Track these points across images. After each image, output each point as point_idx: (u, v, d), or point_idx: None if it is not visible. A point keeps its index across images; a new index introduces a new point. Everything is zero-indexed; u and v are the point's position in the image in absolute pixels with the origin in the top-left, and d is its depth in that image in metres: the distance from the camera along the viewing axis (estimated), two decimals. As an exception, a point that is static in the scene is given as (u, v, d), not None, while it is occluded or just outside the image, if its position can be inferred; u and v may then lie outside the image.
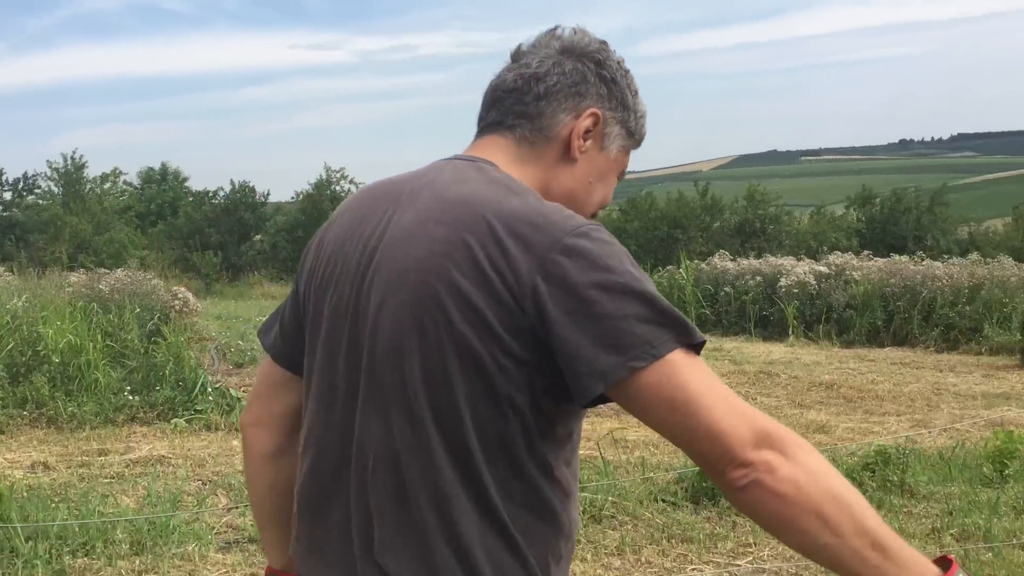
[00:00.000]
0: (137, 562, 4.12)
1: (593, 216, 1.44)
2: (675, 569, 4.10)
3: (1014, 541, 4.61)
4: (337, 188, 31.88)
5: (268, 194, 32.79)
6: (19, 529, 4.19)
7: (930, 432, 8.07)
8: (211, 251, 28.32)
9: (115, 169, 36.64)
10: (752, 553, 4.38)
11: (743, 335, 16.10)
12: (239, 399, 7.25)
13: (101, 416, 7.09)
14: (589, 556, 4.26)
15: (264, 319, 1.56)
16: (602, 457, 6.12)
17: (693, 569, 4.15)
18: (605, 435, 7.51)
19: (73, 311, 8.20)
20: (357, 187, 32.75)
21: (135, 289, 9.55)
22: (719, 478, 1.16)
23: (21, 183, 34.82)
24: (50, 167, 33.77)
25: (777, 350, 14.06)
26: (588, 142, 1.39)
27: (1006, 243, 31.54)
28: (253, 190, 32.11)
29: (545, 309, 1.17)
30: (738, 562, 4.27)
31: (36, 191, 34.67)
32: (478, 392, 1.21)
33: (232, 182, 32.19)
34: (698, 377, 1.16)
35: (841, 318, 15.53)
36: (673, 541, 4.51)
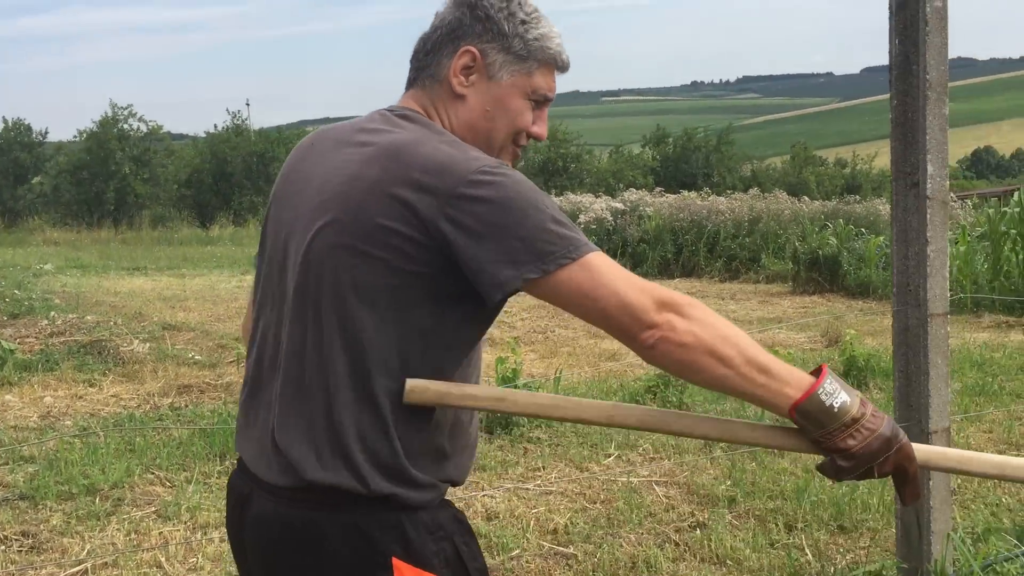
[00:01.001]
0: None
1: (527, 139, 1.62)
2: (466, 497, 4.22)
3: (773, 450, 5.03)
4: (125, 126, 29.99)
5: (47, 132, 30.45)
6: None
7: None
8: (-18, 193, 26.10)
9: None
10: (541, 477, 4.57)
11: (544, 271, 16.56)
12: (11, 351, 6.78)
13: None
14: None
15: (46, 266, 1.67)
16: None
17: (484, 495, 4.28)
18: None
19: None
20: (147, 124, 31.15)
21: None
22: (632, 342, 1.38)
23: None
24: None
25: (576, 284, 14.55)
26: (473, 76, 1.55)
27: (784, 179, 33.84)
28: (29, 128, 29.72)
29: (449, 237, 1.38)
30: (527, 485, 4.44)
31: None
32: (382, 304, 1.42)
33: (4, 119, 29.67)
34: (596, 269, 1.38)
35: (635, 252, 16.22)
36: (466, 470, 4.63)
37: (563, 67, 1.62)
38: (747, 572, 3.55)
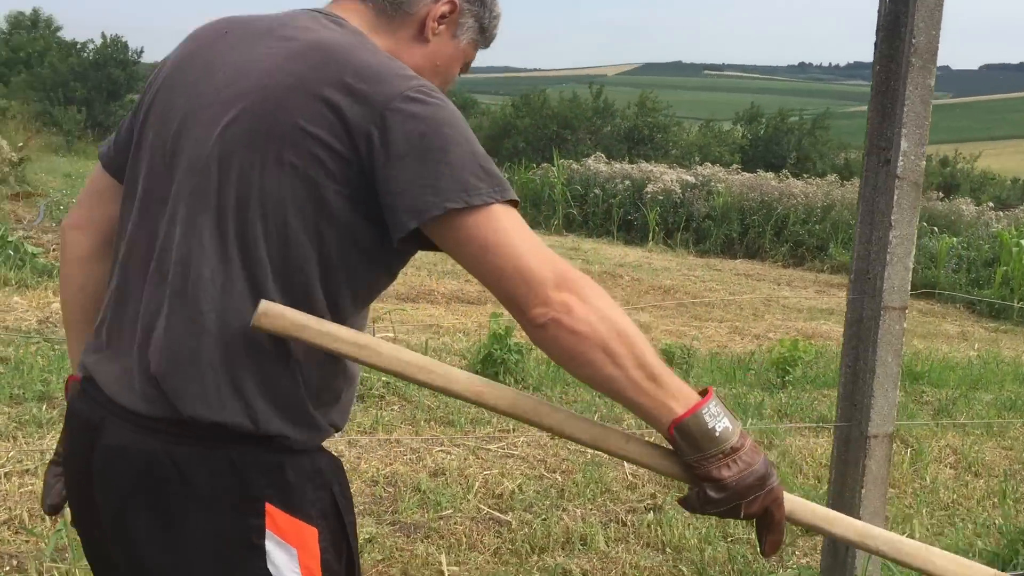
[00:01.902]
0: None
1: None
2: (421, 449, 4.07)
3: (760, 438, 4.76)
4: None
5: (142, 51, 31.05)
6: None
7: (742, 338, 8.32)
8: (75, 107, 26.78)
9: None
10: (508, 439, 4.39)
11: (607, 237, 16.24)
12: (34, 255, 6.86)
13: None
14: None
15: None
16: (395, 337, 6.07)
17: (440, 450, 4.12)
18: (422, 323, 7.47)
19: None
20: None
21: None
22: (521, 316, 1.25)
23: None
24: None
25: (633, 254, 14.22)
26: (442, 27, 1.49)
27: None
28: (126, 46, 30.34)
29: (374, 152, 1.25)
30: (490, 446, 4.27)
31: None
32: (290, 219, 1.27)
33: (103, 35, 30.35)
34: (509, 224, 1.25)
35: (700, 228, 15.82)
36: (432, 423, 4.47)
37: (489, 44, 1.60)
38: (685, 563, 3.32)
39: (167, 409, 1.28)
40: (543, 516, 3.56)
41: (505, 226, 1.25)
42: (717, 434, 1.27)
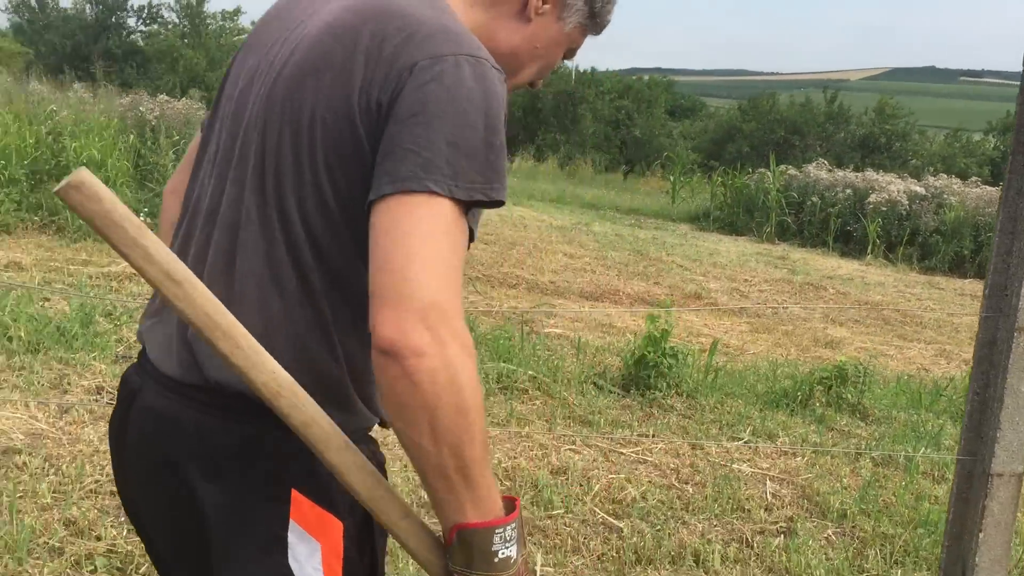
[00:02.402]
0: (24, 360, 4.23)
1: (531, 86, 1.48)
2: (550, 446, 3.99)
3: (930, 470, 4.31)
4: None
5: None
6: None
7: (948, 363, 7.64)
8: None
9: (237, 8, 37.14)
10: (643, 445, 4.22)
11: (821, 248, 15.42)
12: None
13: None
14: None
15: None
16: (576, 337, 6.02)
17: (569, 448, 4.02)
18: (596, 321, 7.38)
19: (106, 128, 8.38)
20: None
21: (178, 116, 9.66)
22: (375, 316, 1.07)
23: (145, 11, 35.77)
24: (175, -1, 34.56)
25: (847, 266, 13.41)
26: (547, 6, 1.38)
27: None
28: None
29: (392, 108, 1.14)
30: (623, 450, 4.12)
31: (159, 20, 35.59)
32: (327, 182, 1.18)
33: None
34: (433, 226, 1.08)
35: (927, 243, 14.69)
36: (569, 421, 4.38)
37: (600, 31, 1.48)
38: (803, 596, 3.06)
39: (198, 376, 1.23)
40: (658, 527, 3.39)
41: (428, 223, 1.08)
42: (496, 560, 1.12)
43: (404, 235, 1.08)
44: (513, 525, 1.14)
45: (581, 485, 3.68)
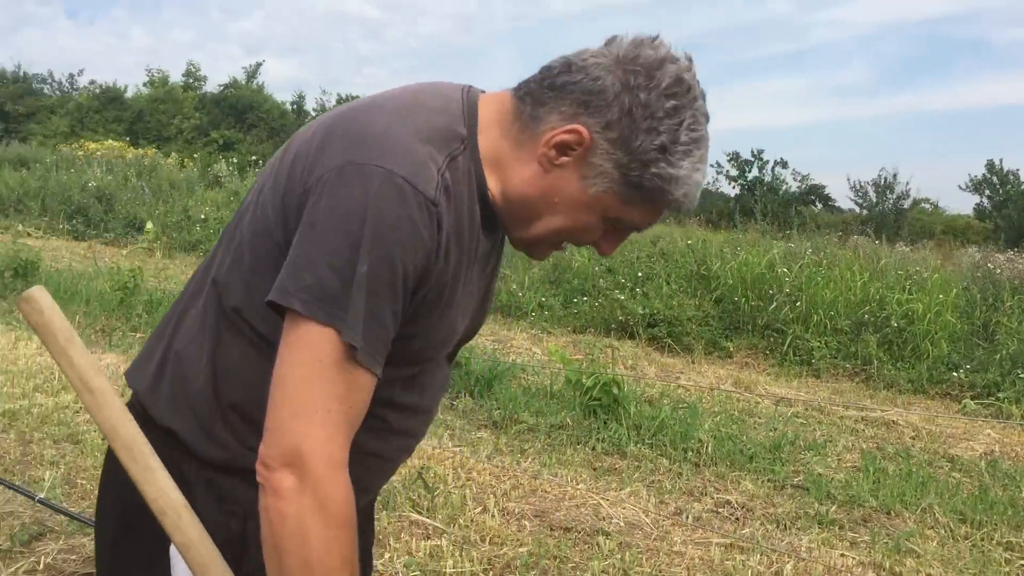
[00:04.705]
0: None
1: (554, 248, 1.30)
2: (607, 500, 3.35)
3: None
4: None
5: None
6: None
7: None
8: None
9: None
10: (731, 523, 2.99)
11: None
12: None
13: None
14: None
15: None
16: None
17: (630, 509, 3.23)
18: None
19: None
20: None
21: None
22: (262, 444, 1.12)
23: None
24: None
25: None
26: (565, 159, 1.20)
27: None
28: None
29: (300, 215, 1.14)
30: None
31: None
32: (252, 269, 1.22)
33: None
34: (307, 357, 1.09)
35: None
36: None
37: (680, 211, 1.23)
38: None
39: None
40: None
41: (300, 357, 1.09)
42: None
43: (289, 366, 1.10)
44: None
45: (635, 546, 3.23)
